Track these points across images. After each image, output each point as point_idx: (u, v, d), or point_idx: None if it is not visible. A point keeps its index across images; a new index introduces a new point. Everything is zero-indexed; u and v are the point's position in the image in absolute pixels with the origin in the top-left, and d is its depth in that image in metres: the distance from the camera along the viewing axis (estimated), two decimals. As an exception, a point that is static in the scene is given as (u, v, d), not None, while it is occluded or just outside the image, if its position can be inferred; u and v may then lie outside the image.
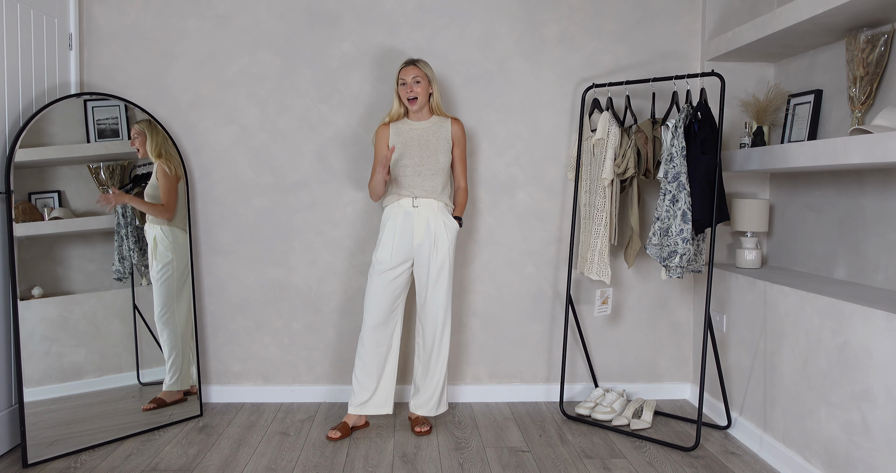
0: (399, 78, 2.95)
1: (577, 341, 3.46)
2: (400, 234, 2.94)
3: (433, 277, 2.95)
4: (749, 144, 3.15)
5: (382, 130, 2.99)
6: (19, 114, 2.81)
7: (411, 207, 2.93)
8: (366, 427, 3.08)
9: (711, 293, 2.93)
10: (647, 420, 3.08)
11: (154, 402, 3.07)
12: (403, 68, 2.94)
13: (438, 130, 2.99)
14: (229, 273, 3.38)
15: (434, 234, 2.93)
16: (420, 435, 2.97)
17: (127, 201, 3.01)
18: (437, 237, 2.93)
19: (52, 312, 2.80)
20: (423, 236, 2.93)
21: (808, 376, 2.49)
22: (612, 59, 3.39)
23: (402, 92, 2.94)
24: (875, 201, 2.61)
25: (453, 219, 3.00)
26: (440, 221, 2.94)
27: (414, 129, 2.98)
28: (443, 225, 2.94)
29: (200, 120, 3.33)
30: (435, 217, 2.94)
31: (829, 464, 2.36)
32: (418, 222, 2.93)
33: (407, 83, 2.92)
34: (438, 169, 2.95)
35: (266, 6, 3.32)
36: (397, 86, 2.97)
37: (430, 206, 2.94)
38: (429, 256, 2.94)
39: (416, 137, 2.96)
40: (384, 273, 2.94)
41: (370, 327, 2.97)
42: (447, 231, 2.95)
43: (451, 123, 3.01)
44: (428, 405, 3.04)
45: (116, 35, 3.28)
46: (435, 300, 2.97)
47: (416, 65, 2.94)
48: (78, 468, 2.61)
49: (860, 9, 2.37)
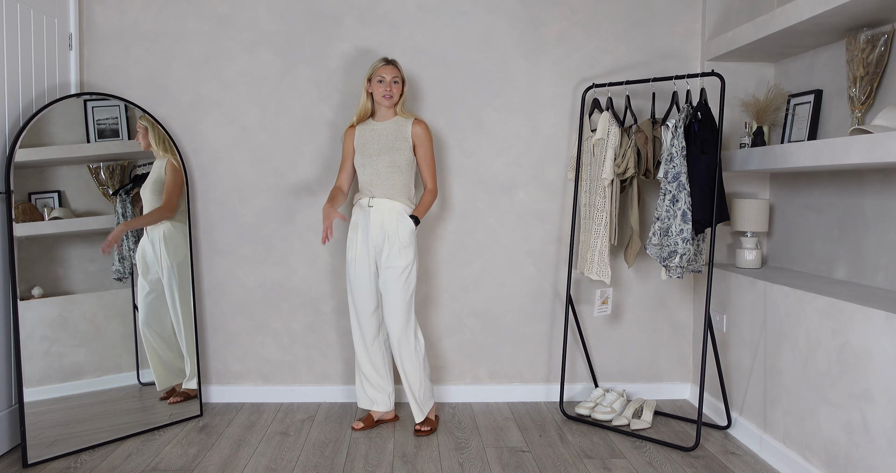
0: (377, 75, 2.93)
1: (577, 341, 3.45)
2: (361, 233, 2.96)
3: (387, 279, 2.91)
4: (749, 144, 3.15)
5: (349, 132, 3.03)
6: (19, 114, 2.81)
7: (367, 207, 2.95)
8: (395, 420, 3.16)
9: (711, 293, 2.93)
10: (647, 420, 3.08)
11: (180, 395, 3.15)
12: (383, 66, 2.93)
13: (398, 130, 2.96)
14: (229, 273, 3.38)
15: (387, 234, 2.91)
16: (418, 435, 2.97)
17: (127, 228, 3.02)
18: (389, 237, 2.90)
19: (52, 312, 2.80)
20: (377, 235, 2.93)
21: (808, 376, 2.49)
22: (612, 59, 3.39)
23: (380, 89, 2.93)
24: (875, 201, 2.61)
25: (408, 217, 2.92)
26: (394, 221, 2.91)
27: (375, 129, 2.99)
28: (398, 225, 2.90)
29: (200, 120, 3.33)
30: (390, 217, 2.91)
31: (829, 464, 2.36)
32: (374, 221, 2.93)
33: (386, 81, 2.92)
34: (395, 169, 2.92)
35: (266, 6, 3.32)
36: (369, 82, 2.96)
37: (384, 206, 2.92)
38: (386, 256, 2.91)
39: (376, 138, 2.96)
40: (351, 270, 2.99)
41: (353, 320, 3.06)
42: (400, 231, 2.90)
43: (412, 123, 2.96)
44: (414, 407, 3.01)
45: (116, 35, 3.28)
46: (388, 302, 2.92)
47: (395, 65, 2.96)
48: (78, 468, 2.61)
49: (860, 9, 2.37)
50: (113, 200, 3.01)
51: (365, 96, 2.98)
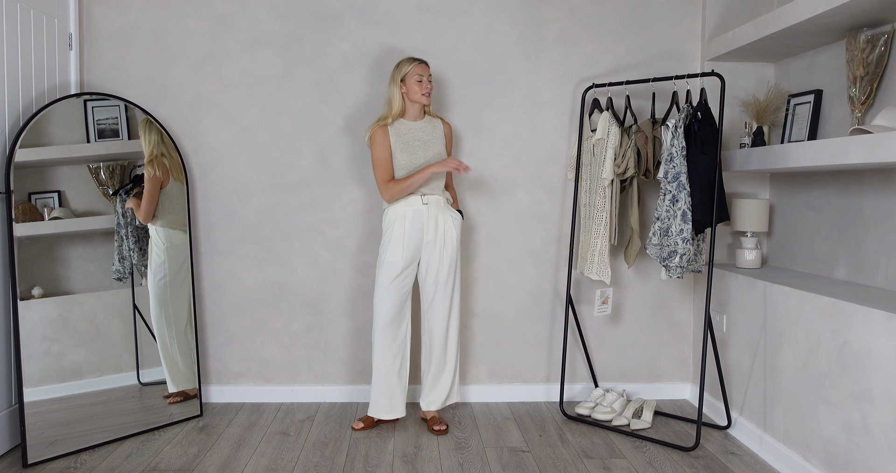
0: (413, 74, 2.93)
1: (577, 341, 3.45)
2: (409, 233, 2.95)
3: (443, 275, 3.00)
4: (749, 144, 3.15)
5: (381, 132, 2.96)
6: (19, 114, 2.81)
7: (421, 204, 2.96)
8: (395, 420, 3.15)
9: (711, 293, 2.93)
10: (647, 420, 3.08)
11: (179, 395, 3.15)
12: (418, 65, 2.94)
13: (434, 128, 3.05)
14: (229, 273, 3.38)
15: (444, 230, 2.98)
16: (439, 434, 2.98)
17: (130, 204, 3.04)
18: (446, 234, 2.99)
19: (52, 312, 2.80)
20: (433, 233, 2.97)
21: (808, 376, 2.49)
22: (612, 59, 3.40)
23: (419, 88, 2.93)
24: (875, 201, 2.61)
25: (457, 212, 3.06)
26: (447, 216, 3.00)
27: (413, 129, 2.99)
28: (450, 220, 3.01)
29: (200, 120, 3.33)
30: (442, 213, 2.99)
31: (829, 464, 2.36)
32: (428, 219, 2.96)
33: (424, 80, 2.94)
34: None
35: (266, 6, 3.32)
36: (405, 83, 2.95)
37: (437, 202, 2.99)
38: (440, 253, 2.98)
39: (418, 136, 2.99)
40: (398, 274, 2.95)
41: (381, 327, 2.98)
42: (455, 226, 3.01)
43: (441, 122, 3.09)
44: (439, 400, 3.09)
45: (116, 35, 3.28)
46: (445, 297, 3.01)
47: (426, 65, 2.98)
48: (78, 468, 2.61)
49: (860, 9, 2.37)
50: (113, 200, 3.01)
51: (399, 96, 2.97)
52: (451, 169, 2.88)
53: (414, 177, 2.90)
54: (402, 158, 2.95)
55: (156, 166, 3.09)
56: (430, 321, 3.04)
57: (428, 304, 3.03)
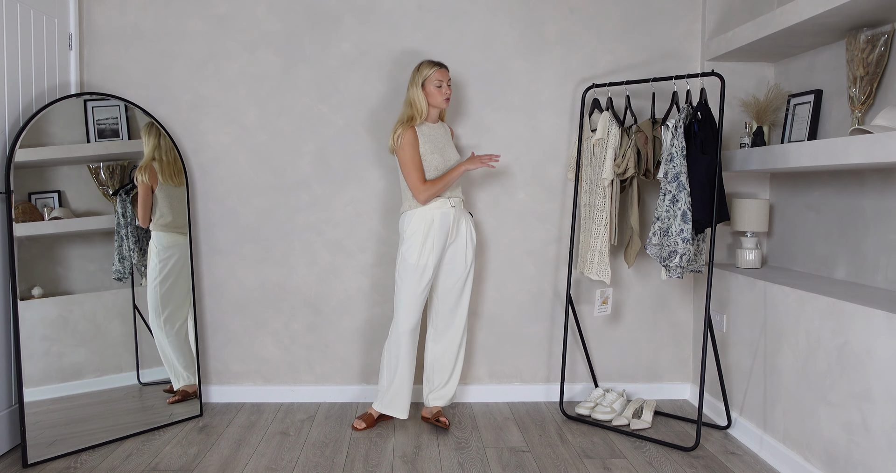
0: (433, 79, 2.94)
1: (577, 341, 3.46)
2: (438, 235, 2.95)
3: (464, 276, 3.06)
4: (749, 144, 3.15)
5: (411, 133, 2.92)
6: (19, 114, 2.81)
7: (449, 207, 2.97)
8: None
9: (711, 293, 2.93)
10: (647, 420, 3.08)
11: (179, 395, 3.15)
12: (439, 70, 2.95)
13: (447, 132, 3.11)
14: (229, 273, 3.38)
15: (466, 231, 3.03)
16: (447, 427, 3.02)
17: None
18: (468, 235, 3.04)
19: (52, 312, 2.80)
20: (457, 235, 3.01)
21: (808, 376, 2.49)
22: (612, 59, 3.40)
23: (440, 93, 2.95)
24: (875, 201, 2.61)
25: (470, 214, 3.13)
26: (467, 217, 3.07)
27: (435, 130, 3.03)
28: (472, 222, 3.08)
29: (200, 120, 3.33)
30: (464, 215, 3.05)
31: (829, 464, 2.36)
32: (455, 222, 2.99)
33: (444, 85, 2.96)
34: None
35: (266, 6, 3.32)
36: (426, 87, 2.95)
37: (460, 204, 3.05)
38: (463, 254, 3.03)
39: (440, 138, 3.02)
40: (429, 278, 2.96)
41: (409, 330, 2.97)
42: (474, 227, 3.10)
43: (447, 126, 3.15)
44: (448, 395, 3.14)
45: (116, 35, 3.28)
46: (465, 294, 3.09)
47: (446, 69, 2.98)
48: (78, 468, 2.61)
49: (860, 9, 2.37)
50: (113, 200, 3.01)
51: (423, 98, 2.95)
52: (483, 165, 2.88)
53: (448, 176, 2.91)
54: (434, 159, 2.94)
55: (145, 172, 3.09)
56: (446, 322, 3.08)
57: (452, 307, 3.07)
